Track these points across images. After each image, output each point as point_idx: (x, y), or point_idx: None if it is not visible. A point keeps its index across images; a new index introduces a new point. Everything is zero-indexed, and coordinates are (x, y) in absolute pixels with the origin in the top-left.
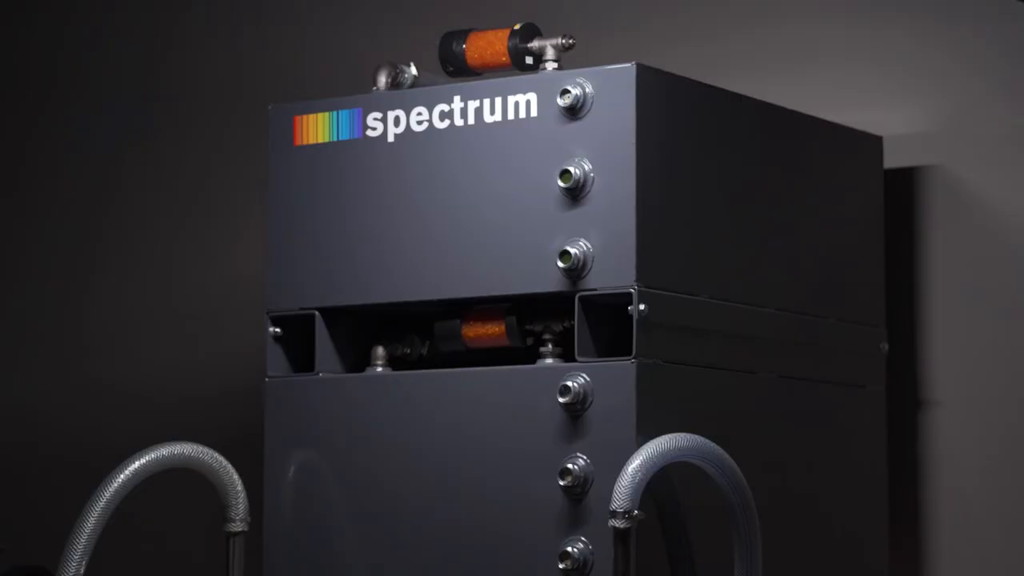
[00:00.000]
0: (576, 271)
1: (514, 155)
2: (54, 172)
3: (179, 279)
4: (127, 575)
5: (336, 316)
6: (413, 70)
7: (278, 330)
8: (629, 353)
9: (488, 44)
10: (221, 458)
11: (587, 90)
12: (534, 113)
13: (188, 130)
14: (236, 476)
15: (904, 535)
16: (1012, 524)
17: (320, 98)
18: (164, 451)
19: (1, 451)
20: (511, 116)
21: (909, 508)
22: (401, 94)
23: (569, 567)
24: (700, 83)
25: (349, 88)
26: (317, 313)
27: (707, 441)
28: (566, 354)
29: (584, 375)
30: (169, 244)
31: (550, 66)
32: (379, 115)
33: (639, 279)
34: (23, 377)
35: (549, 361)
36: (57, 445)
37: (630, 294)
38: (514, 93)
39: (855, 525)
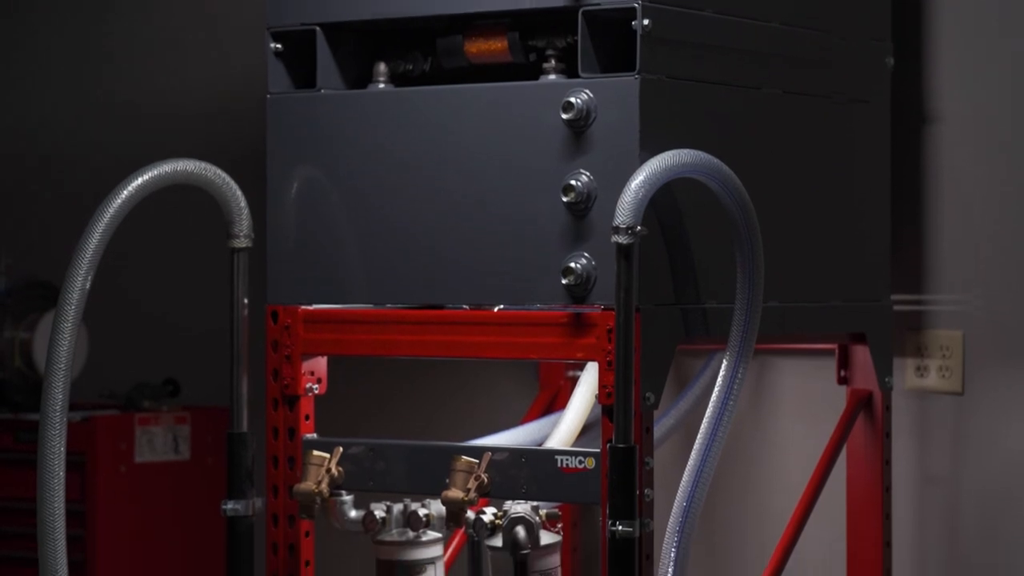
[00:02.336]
0: None
1: None
2: None
3: None
4: (130, 293)
5: (338, 32)
6: None
7: (279, 46)
8: (633, 69)
9: None
10: (224, 174)
11: None
12: None
13: None
14: (239, 192)
15: (906, 249)
16: (1012, 235)
17: None
18: (167, 167)
19: (10, 165)
20: None
21: (912, 221)
22: None
23: (572, 282)
24: None
25: None
26: (318, 28)
27: (711, 157)
28: (569, 70)
29: (587, 91)
30: None
31: None
32: None
33: None
34: (37, 93)
35: (552, 77)
36: (64, 161)
37: (634, 9)
38: None
39: (858, 240)
